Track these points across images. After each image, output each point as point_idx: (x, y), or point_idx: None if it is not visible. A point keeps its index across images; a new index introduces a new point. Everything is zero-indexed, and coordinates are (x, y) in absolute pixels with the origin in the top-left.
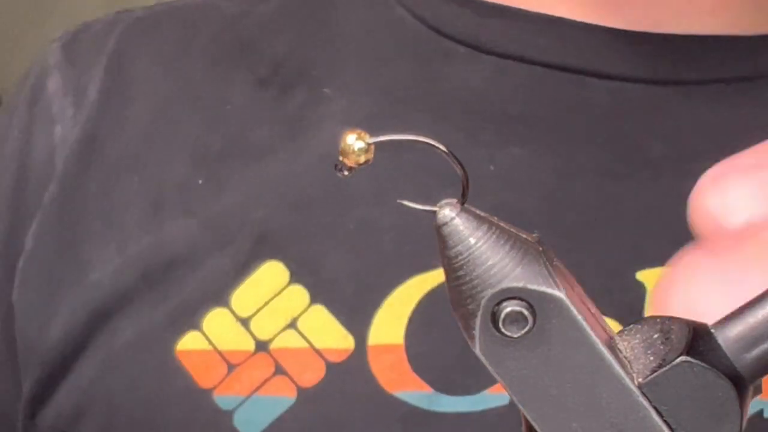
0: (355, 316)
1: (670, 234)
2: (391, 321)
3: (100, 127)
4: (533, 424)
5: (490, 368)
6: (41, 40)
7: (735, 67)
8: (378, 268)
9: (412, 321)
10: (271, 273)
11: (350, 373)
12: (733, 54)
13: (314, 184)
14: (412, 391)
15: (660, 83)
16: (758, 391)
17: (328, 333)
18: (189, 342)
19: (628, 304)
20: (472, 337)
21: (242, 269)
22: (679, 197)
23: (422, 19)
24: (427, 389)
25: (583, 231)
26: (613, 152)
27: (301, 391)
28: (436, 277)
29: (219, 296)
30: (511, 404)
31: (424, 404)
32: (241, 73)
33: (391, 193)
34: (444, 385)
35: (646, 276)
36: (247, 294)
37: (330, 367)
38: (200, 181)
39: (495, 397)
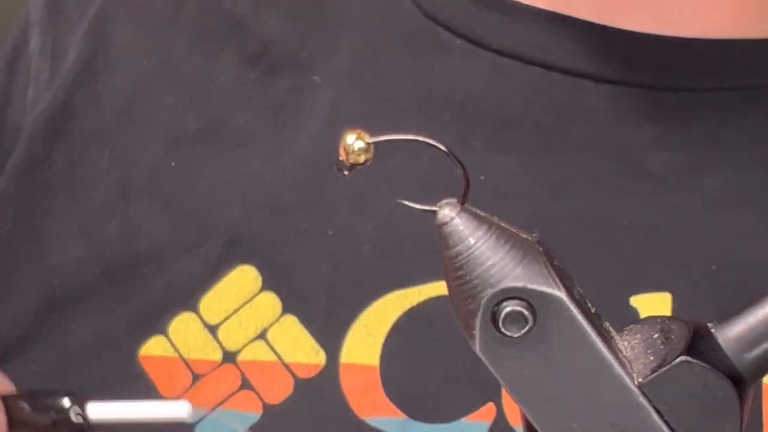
0: (328, 330)
1: (669, 255)
2: (365, 339)
3: (75, 97)
4: (533, 423)
5: (490, 368)
6: None
7: (746, 74)
8: (354, 279)
9: (388, 341)
10: (244, 278)
11: (320, 392)
12: (744, 60)
13: (293, 186)
14: (385, 417)
15: (664, 90)
16: None
17: (298, 346)
18: (153, 347)
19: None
20: (472, 337)
21: (213, 272)
22: (679, 213)
23: (421, 7)
24: (401, 416)
25: (575, 248)
26: (610, 162)
27: (267, 408)
28: (416, 294)
29: (187, 300)
30: None
31: None
32: (227, 50)
33: (372, 200)
34: (418, 412)
35: (639, 301)
36: (217, 299)
37: (299, 383)
38: (173, 164)
39: (471, 425)
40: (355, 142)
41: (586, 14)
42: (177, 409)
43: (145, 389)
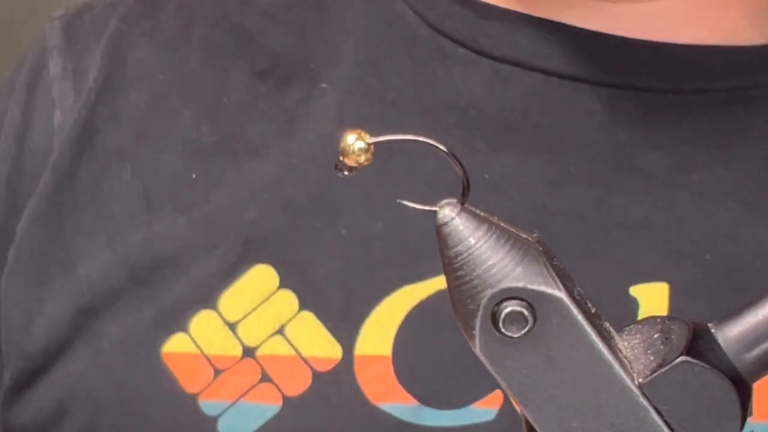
0: (344, 325)
1: (664, 247)
2: (379, 331)
3: (96, 114)
4: (533, 424)
5: (490, 368)
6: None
7: (733, 77)
8: (367, 276)
9: (400, 332)
10: (261, 277)
11: (336, 383)
12: (731, 64)
13: (306, 187)
14: (398, 403)
15: (657, 92)
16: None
17: (315, 341)
18: (175, 344)
19: (619, 319)
20: (472, 337)
21: (231, 271)
22: (671, 207)
23: (423, 17)
24: (413, 402)
25: (575, 242)
26: (606, 161)
27: (287, 400)
28: (426, 288)
29: (207, 298)
30: (497, 419)
31: (408, 417)
32: (239, 64)
33: (382, 199)
34: (430, 398)
35: (639, 291)
36: (235, 297)
37: (316, 376)
38: (193, 176)
39: (480, 412)
40: (355, 142)
41: (582, 22)
42: None
43: (168, 384)
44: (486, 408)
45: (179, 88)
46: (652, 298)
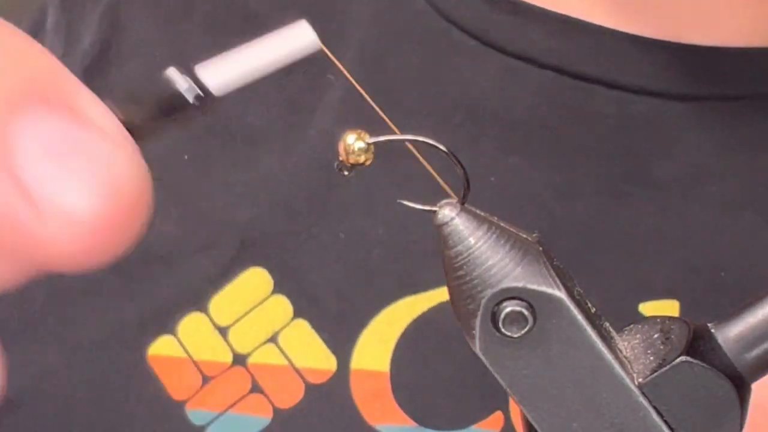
0: (339, 336)
1: (675, 262)
2: (376, 345)
3: (89, 81)
4: (533, 424)
5: (490, 368)
6: None
7: (752, 82)
8: (366, 285)
9: (398, 347)
10: (255, 280)
11: (330, 398)
12: (751, 68)
13: (305, 187)
14: (395, 425)
15: (674, 98)
16: None
17: (309, 351)
18: (162, 347)
19: None
20: (472, 337)
21: (224, 273)
22: (684, 220)
23: (434, 5)
24: (411, 423)
25: (582, 254)
26: (617, 169)
27: (277, 412)
28: (426, 300)
29: (197, 300)
30: None
31: None
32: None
33: (382, 203)
34: (429, 419)
35: (648, 309)
36: (227, 300)
37: (309, 388)
38: (185, 157)
39: None
40: (355, 142)
41: (599, 19)
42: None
43: (153, 389)
44: (487, 430)
45: (177, 65)
46: None
